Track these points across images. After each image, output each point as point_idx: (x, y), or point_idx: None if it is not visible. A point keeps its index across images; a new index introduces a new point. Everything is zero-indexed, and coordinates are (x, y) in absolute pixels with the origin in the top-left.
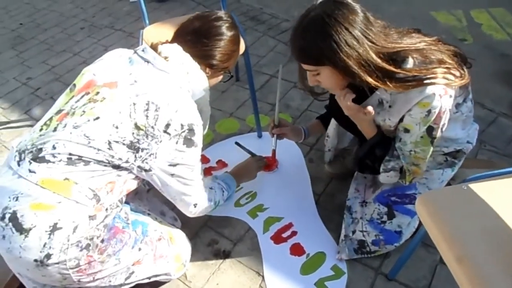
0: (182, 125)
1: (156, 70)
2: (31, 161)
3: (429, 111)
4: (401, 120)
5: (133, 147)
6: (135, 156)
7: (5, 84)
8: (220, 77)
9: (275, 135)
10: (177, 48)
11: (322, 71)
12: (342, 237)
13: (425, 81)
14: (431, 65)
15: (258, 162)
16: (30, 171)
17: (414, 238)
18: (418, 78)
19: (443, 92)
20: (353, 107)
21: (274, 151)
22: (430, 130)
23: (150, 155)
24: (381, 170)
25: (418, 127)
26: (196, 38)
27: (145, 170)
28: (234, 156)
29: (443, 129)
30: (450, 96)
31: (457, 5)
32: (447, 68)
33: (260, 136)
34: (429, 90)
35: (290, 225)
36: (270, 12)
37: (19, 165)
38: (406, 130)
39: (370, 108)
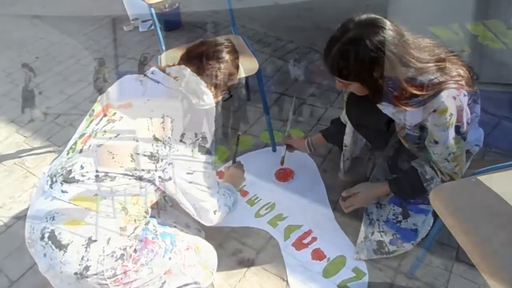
0: (196, 134)
1: (166, 89)
2: (63, 182)
3: (451, 114)
4: (424, 130)
5: (153, 158)
6: (156, 166)
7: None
8: (221, 96)
9: (284, 145)
10: (185, 69)
11: (353, 84)
12: (361, 238)
13: (436, 92)
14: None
15: (240, 166)
16: (62, 191)
17: (429, 235)
18: (430, 95)
19: (456, 93)
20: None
21: (283, 158)
22: (457, 129)
23: (169, 164)
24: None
25: (447, 132)
26: (202, 61)
27: (165, 180)
28: (250, 171)
29: (468, 122)
30: (465, 95)
31: (453, 20)
32: (459, 79)
33: (274, 150)
34: (442, 97)
35: (309, 232)
36: (274, 35)
37: (51, 187)
38: (436, 142)
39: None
